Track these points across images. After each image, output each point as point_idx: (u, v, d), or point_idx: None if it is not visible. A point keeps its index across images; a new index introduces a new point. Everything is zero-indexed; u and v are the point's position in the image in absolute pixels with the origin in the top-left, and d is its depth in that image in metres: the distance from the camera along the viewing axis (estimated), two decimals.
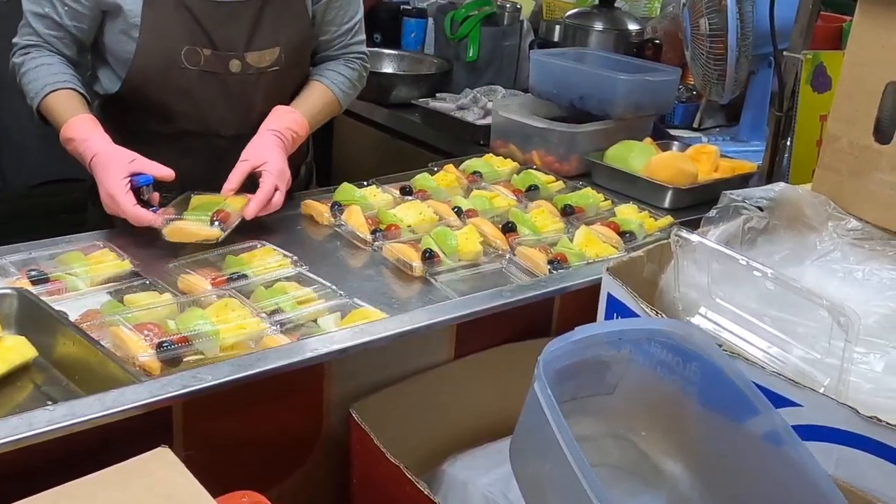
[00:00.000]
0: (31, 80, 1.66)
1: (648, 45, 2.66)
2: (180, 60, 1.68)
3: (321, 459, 1.27)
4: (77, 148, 1.59)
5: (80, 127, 1.60)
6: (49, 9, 1.67)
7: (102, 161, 1.55)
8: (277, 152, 1.68)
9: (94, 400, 1.03)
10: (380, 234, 1.66)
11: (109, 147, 1.58)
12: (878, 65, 1.24)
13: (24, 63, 1.68)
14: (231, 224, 1.56)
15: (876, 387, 0.99)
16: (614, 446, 1.07)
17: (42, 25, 1.68)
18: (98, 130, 1.60)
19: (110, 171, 1.53)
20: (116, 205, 1.52)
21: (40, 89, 1.64)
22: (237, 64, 1.73)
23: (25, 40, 1.70)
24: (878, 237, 1.26)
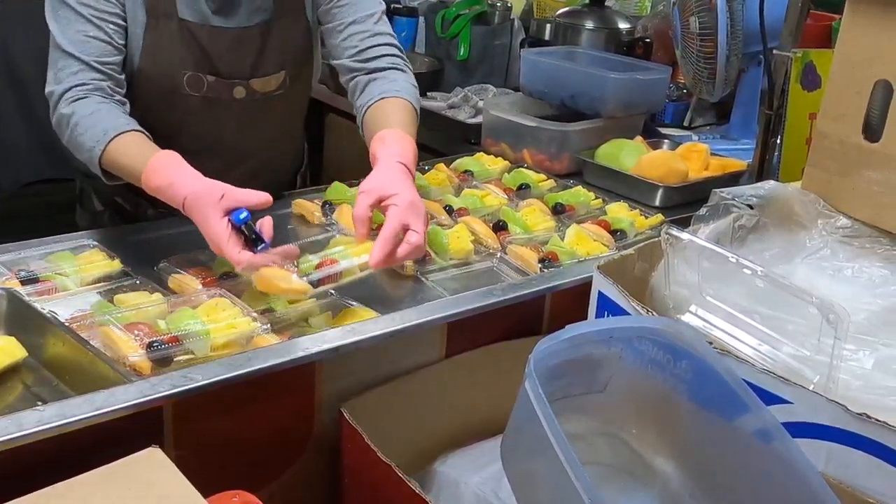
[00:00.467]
0: (88, 127, 1.47)
1: (639, 44, 2.66)
2: (182, 87, 1.62)
3: (312, 459, 1.26)
4: (165, 195, 1.40)
5: (162, 171, 1.40)
6: (95, 31, 1.52)
7: (193, 205, 1.36)
8: (407, 184, 1.46)
9: (84, 400, 1.03)
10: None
11: (196, 186, 1.37)
12: (867, 63, 1.25)
13: (76, 112, 1.48)
14: (331, 275, 1.36)
15: (865, 384, 1.00)
16: (605, 444, 1.07)
17: (90, 53, 1.51)
18: (179, 168, 1.41)
19: (206, 216, 1.34)
20: (223, 254, 1.35)
21: (101, 136, 1.46)
22: (241, 91, 1.67)
23: (73, 80, 1.50)
24: (868, 235, 1.26)
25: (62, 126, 1.52)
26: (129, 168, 1.46)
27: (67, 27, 1.52)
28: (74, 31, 1.52)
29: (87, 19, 1.53)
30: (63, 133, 1.52)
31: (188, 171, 1.41)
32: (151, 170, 1.42)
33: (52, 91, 1.53)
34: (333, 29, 1.75)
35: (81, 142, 1.49)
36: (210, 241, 1.36)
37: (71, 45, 1.52)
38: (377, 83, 1.71)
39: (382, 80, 1.71)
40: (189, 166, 1.42)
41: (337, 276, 1.36)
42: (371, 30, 1.74)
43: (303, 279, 1.32)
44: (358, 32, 1.73)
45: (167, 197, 1.41)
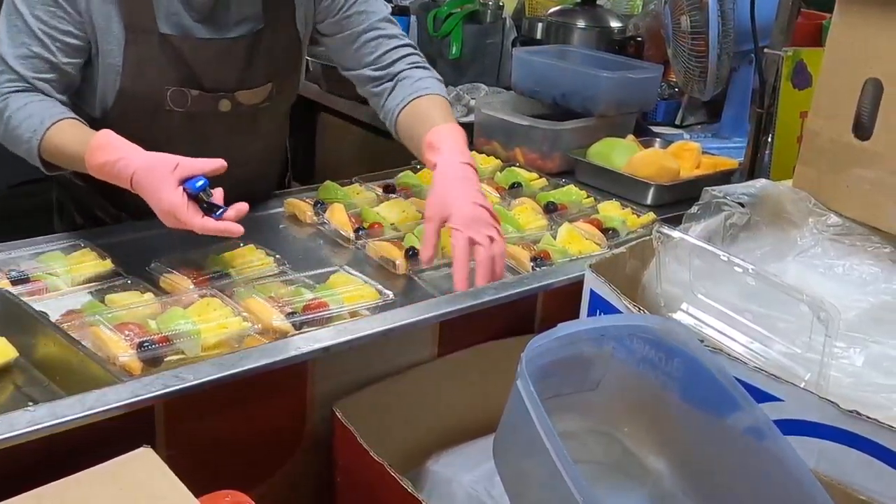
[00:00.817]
0: (24, 118, 1.47)
1: (630, 43, 2.67)
2: (165, 102, 1.57)
3: (305, 458, 1.26)
4: (112, 171, 1.39)
5: (109, 147, 1.40)
6: (39, 48, 1.49)
7: (145, 177, 1.36)
8: (465, 193, 1.46)
9: (75, 401, 1.02)
10: (363, 232, 1.66)
11: (148, 157, 1.38)
12: (857, 61, 1.25)
13: (9, 105, 1.48)
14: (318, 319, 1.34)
15: (856, 381, 1.00)
16: (597, 443, 1.07)
17: (29, 69, 1.50)
18: (124, 143, 1.41)
19: (159, 186, 1.34)
20: (180, 222, 1.35)
21: (38, 125, 1.46)
22: (227, 104, 1.62)
23: (7, 87, 1.49)
24: (859, 233, 1.27)
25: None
26: (70, 152, 1.44)
27: (15, 37, 1.50)
28: (20, 42, 1.50)
29: (34, 34, 1.49)
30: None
31: (133, 146, 1.40)
32: (95, 146, 1.40)
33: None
34: (345, 40, 1.73)
35: (18, 134, 1.48)
36: (163, 211, 1.35)
37: (13, 57, 1.50)
38: (403, 85, 1.70)
39: (408, 80, 1.71)
40: (132, 143, 1.41)
41: (324, 321, 1.33)
42: (384, 34, 1.73)
43: (288, 319, 1.31)
44: (372, 40, 1.72)
45: (114, 173, 1.39)
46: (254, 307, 1.32)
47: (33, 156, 1.48)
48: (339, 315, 1.34)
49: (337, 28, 1.72)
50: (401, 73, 1.73)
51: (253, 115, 1.68)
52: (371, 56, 1.73)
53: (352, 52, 1.74)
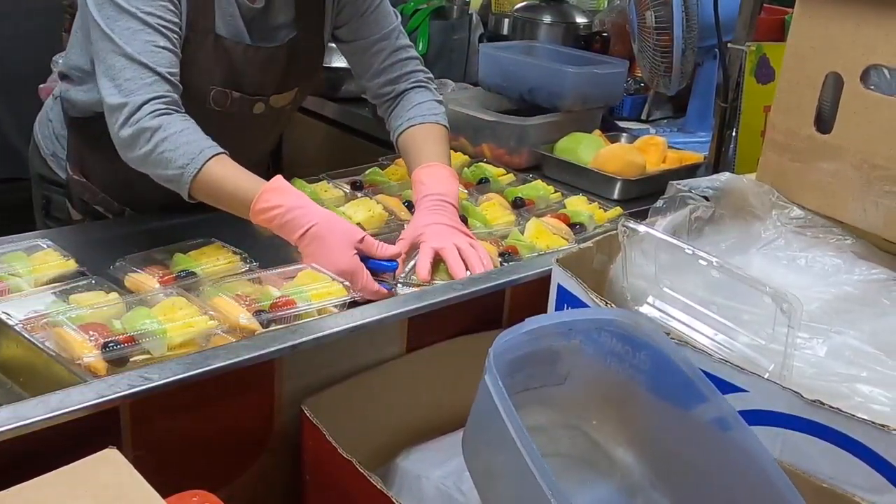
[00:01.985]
0: (181, 143, 1.45)
1: (596, 38, 2.69)
2: (208, 101, 1.62)
3: (273, 457, 1.26)
4: (283, 216, 1.43)
5: (287, 193, 1.45)
6: (164, 41, 1.49)
7: (325, 233, 1.42)
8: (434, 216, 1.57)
9: (39, 402, 1.01)
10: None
11: (329, 215, 1.45)
12: (819, 56, 1.27)
13: (164, 127, 1.45)
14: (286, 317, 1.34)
15: (819, 371, 1.01)
16: (566, 436, 1.08)
17: (163, 65, 1.48)
18: (303, 196, 1.47)
19: (341, 248, 1.41)
20: (355, 283, 1.41)
21: (197, 154, 1.45)
22: (261, 106, 1.69)
23: (148, 93, 1.46)
24: (821, 225, 1.28)
25: (140, 140, 1.46)
26: (236, 188, 1.46)
27: (133, 37, 1.48)
28: (142, 41, 1.48)
29: (154, 29, 1.49)
30: (138, 147, 1.47)
31: (309, 199, 1.47)
32: (271, 188, 1.45)
33: (121, 103, 1.47)
34: (359, 46, 1.80)
35: (170, 157, 1.45)
36: (337, 269, 1.40)
37: (141, 55, 1.48)
38: (404, 107, 1.80)
39: (407, 101, 1.80)
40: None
41: (291, 319, 1.32)
42: (395, 45, 1.81)
43: (255, 318, 1.30)
44: (383, 50, 1.80)
45: (286, 219, 1.43)
46: (220, 306, 1.31)
47: (183, 183, 1.46)
48: (307, 313, 1.34)
49: (353, 34, 1.79)
50: (404, 93, 1.81)
51: (277, 117, 1.76)
52: (380, 67, 1.80)
53: (364, 60, 1.81)
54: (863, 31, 1.20)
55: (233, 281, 1.41)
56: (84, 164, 1.75)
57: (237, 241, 1.56)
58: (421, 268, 1.50)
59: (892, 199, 1.19)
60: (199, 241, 1.53)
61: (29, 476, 0.84)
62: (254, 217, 1.46)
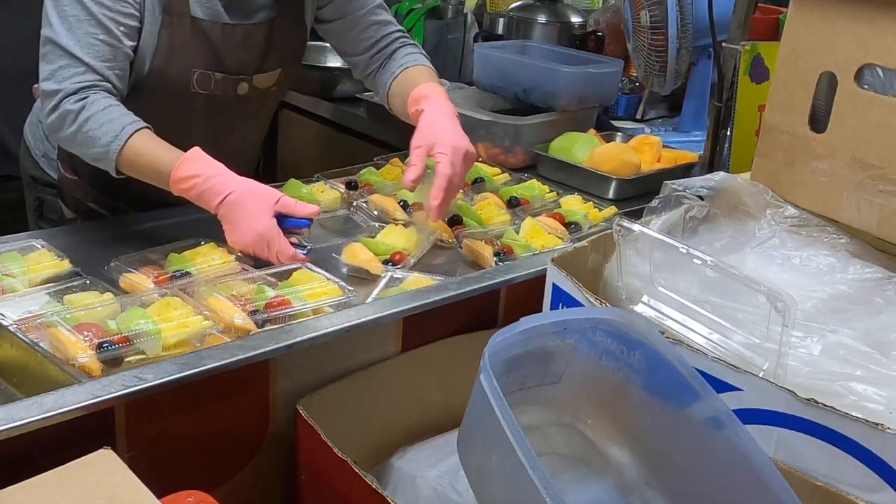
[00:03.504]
0: (103, 122, 1.47)
1: (591, 38, 2.68)
2: (191, 84, 1.62)
3: (268, 457, 1.26)
4: (202, 185, 1.44)
5: (204, 162, 1.46)
6: (104, 35, 1.49)
7: (242, 198, 1.43)
8: (450, 128, 1.63)
9: (33, 403, 1.01)
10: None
11: (246, 182, 1.46)
12: (813, 55, 1.27)
13: (87, 107, 1.47)
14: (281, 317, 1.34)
15: (813, 370, 1.02)
16: (561, 435, 1.08)
17: (97, 58, 1.49)
18: (222, 165, 1.47)
19: (257, 212, 1.43)
20: (269, 248, 1.43)
21: (120, 130, 1.46)
22: (245, 87, 1.69)
23: (77, 82, 1.48)
24: (815, 224, 1.28)
25: (66, 122, 1.49)
26: (151, 160, 1.47)
27: (76, 26, 1.49)
28: (83, 31, 1.49)
29: (98, 21, 1.49)
30: (64, 128, 1.50)
31: (227, 169, 1.47)
32: (188, 158, 1.45)
33: (53, 90, 1.49)
34: (344, 25, 1.82)
35: (94, 136, 1.47)
36: (256, 233, 1.43)
37: (78, 47, 1.49)
38: (394, 58, 1.83)
39: (397, 54, 1.83)
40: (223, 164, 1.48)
41: (286, 319, 1.32)
42: (380, 20, 1.84)
43: (250, 318, 1.30)
44: (371, 25, 1.83)
45: (205, 188, 1.44)
46: (215, 306, 1.31)
47: (108, 160, 1.49)
48: (302, 312, 1.34)
49: (338, 13, 1.81)
50: (392, 54, 1.85)
51: (262, 99, 1.76)
52: (369, 41, 1.83)
53: (351, 37, 1.84)
54: (857, 30, 1.21)
55: (228, 281, 1.41)
56: (75, 163, 1.75)
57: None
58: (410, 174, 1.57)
59: (886, 197, 1.19)
60: (193, 240, 1.53)
61: (23, 477, 0.84)
62: (173, 187, 1.47)
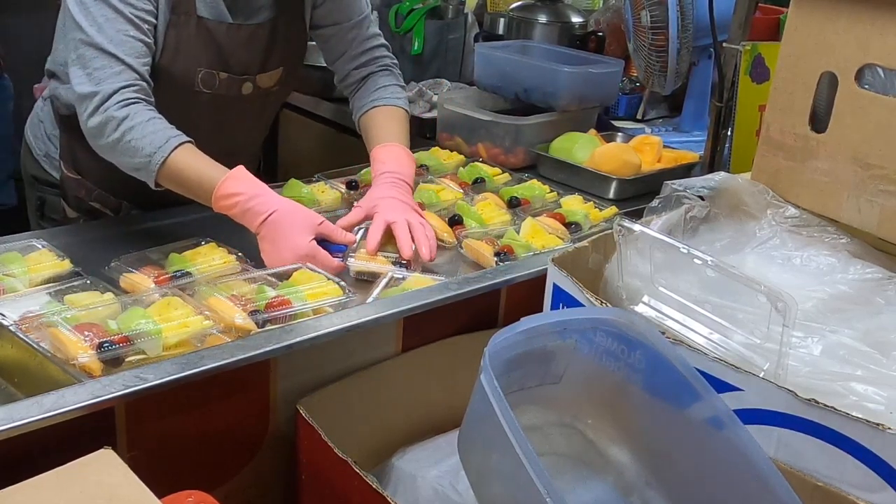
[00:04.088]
0: (147, 133, 1.48)
1: (592, 38, 2.68)
2: (196, 83, 1.64)
3: (269, 457, 1.26)
4: (245, 203, 1.47)
5: (248, 181, 1.50)
6: (135, 31, 1.51)
7: (285, 219, 1.47)
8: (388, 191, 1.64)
9: (33, 403, 1.01)
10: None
11: (289, 203, 1.51)
12: (813, 55, 1.27)
13: (131, 116, 1.48)
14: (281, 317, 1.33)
15: (814, 370, 1.02)
16: (561, 435, 1.08)
17: (133, 55, 1.50)
18: (264, 185, 1.51)
19: (299, 232, 1.46)
20: (317, 264, 1.45)
21: (164, 143, 1.48)
22: (249, 86, 1.71)
23: (117, 82, 1.49)
24: (816, 224, 1.28)
25: (107, 128, 1.49)
26: (200, 175, 1.50)
27: (106, 25, 1.51)
28: (115, 29, 1.51)
29: (127, 18, 1.52)
30: (105, 135, 1.50)
31: (268, 188, 1.52)
32: (232, 177, 1.49)
33: (92, 92, 1.50)
34: (332, 31, 1.85)
35: (138, 146, 1.49)
36: (295, 255, 1.45)
37: (112, 45, 1.50)
38: (367, 88, 1.86)
39: (371, 84, 1.86)
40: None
41: (286, 318, 1.32)
42: (368, 34, 1.88)
43: (250, 318, 1.30)
44: (357, 37, 1.86)
45: (247, 206, 1.47)
46: (215, 306, 1.31)
47: (149, 171, 1.50)
48: (303, 312, 1.34)
49: (328, 18, 1.84)
50: (369, 76, 1.88)
51: (266, 98, 1.77)
52: (352, 52, 1.87)
53: (338, 46, 1.87)
54: (857, 30, 1.21)
55: (228, 281, 1.41)
56: (78, 162, 1.75)
57: (232, 240, 1.56)
58: (371, 239, 1.54)
59: (887, 197, 1.19)
60: (194, 240, 1.53)
61: (24, 477, 0.84)
62: (215, 204, 1.50)
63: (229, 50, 1.66)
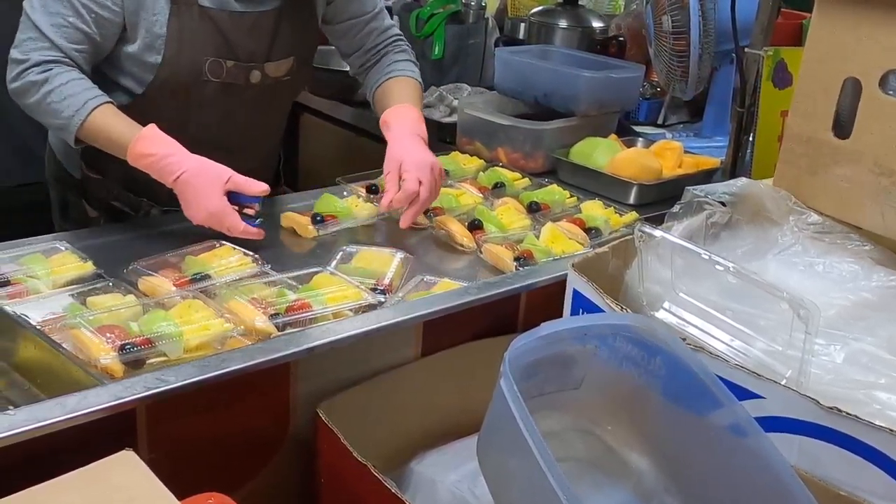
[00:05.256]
0: (66, 95, 1.54)
1: (612, 43, 2.68)
2: (204, 72, 1.66)
3: (288, 460, 1.26)
4: (157, 163, 1.52)
5: (158, 141, 1.54)
6: (74, 18, 1.56)
7: (194, 178, 1.52)
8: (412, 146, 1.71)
9: (56, 403, 1.02)
10: None
11: (198, 162, 1.54)
12: (836, 60, 1.26)
13: (50, 80, 1.54)
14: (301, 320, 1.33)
15: (836, 378, 1.01)
16: (580, 440, 1.07)
17: (64, 38, 1.56)
18: (177, 144, 1.54)
19: (209, 191, 1.52)
20: (222, 224, 1.52)
21: (81, 105, 1.53)
22: (257, 75, 1.72)
23: (42, 55, 1.55)
24: (838, 231, 1.28)
25: (30, 92, 1.56)
26: (112, 136, 1.55)
27: (50, 5, 1.55)
28: (55, 11, 1.56)
29: (70, 4, 1.55)
30: (28, 97, 1.57)
31: (180, 146, 1.54)
32: (143, 136, 1.53)
33: (19, 59, 1.56)
34: (348, 26, 1.89)
35: (56, 109, 1.55)
36: (208, 213, 1.52)
37: (47, 25, 1.55)
38: (382, 63, 1.92)
39: (385, 59, 1.92)
40: (177, 142, 1.55)
41: (306, 322, 1.33)
42: (384, 26, 1.93)
43: (271, 321, 1.30)
44: (372, 31, 1.91)
45: (158, 166, 1.52)
46: (236, 308, 1.32)
47: (69, 132, 1.56)
48: (323, 316, 1.34)
49: (343, 14, 1.87)
50: (384, 55, 1.93)
51: (274, 88, 1.78)
52: (368, 44, 1.92)
53: (351, 38, 1.91)
54: (881, 36, 1.20)
55: (249, 284, 1.41)
56: (98, 161, 1.77)
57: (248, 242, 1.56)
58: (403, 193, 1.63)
59: None
60: (209, 243, 1.53)
61: (46, 477, 0.85)
62: (133, 162, 1.55)
63: (234, 38, 1.67)
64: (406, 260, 1.55)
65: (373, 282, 1.46)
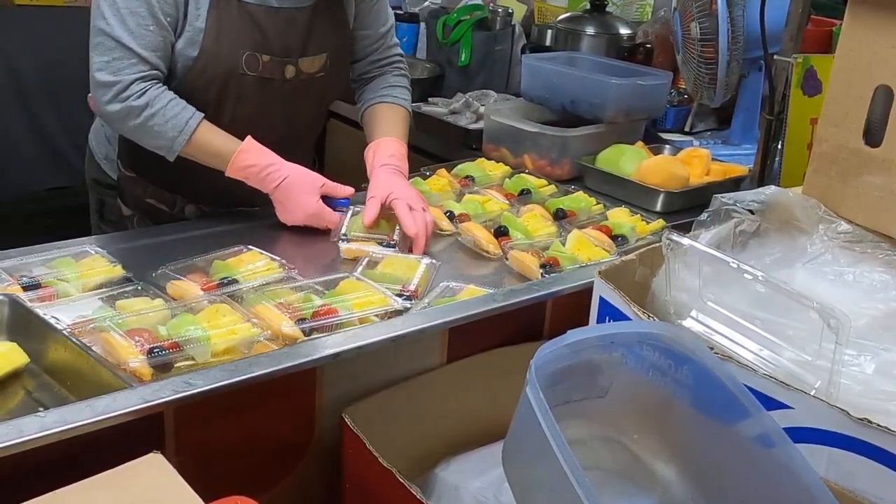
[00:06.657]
0: (168, 118, 1.62)
1: (640, 49, 2.67)
2: (240, 66, 1.70)
3: (313, 464, 1.26)
4: (258, 173, 1.66)
5: (258, 153, 1.67)
6: (154, 26, 1.61)
7: (295, 183, 1.68)
8: (399, 180, 1.77)
9: (85, 406, 1.03)
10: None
11: (297, 168, 1.69)
12: (868, 68, 1.25)
13: (151, 104, 1.61)
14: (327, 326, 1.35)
15: (866, 388, 1.00)
16: (606, 449, 1.07)
17: (150, 49, 1.61)
18: (274, 154, 1.69)
19: (308, 194, 1.69)
20: (320, 222, 1.70)
21: (184, 125, 1.63)
22: (292, 70, 1.76)
23: (133, 74, 1.61)
24: (869, 240, 1.26)
25: (131, 116, 1.63)
26: (213, 151, 1.67)
27: (128, 17, 1.59)
28: (135, 23, 1.59)
29: (151, 13, 1.60)
30: (129, 121, 1.63)
31: (278, 156, 1.69)
32: (245, 150, 1.67)
33: (110, 81, 1.61)
34: (363, 35, 1.94)
35: (160, 131, 1.64)
36: (305, 213, 1.69)
37: (130, 37, 1.60)
38: (380, 82, 1.98)
39: (384, 80, 1.98)
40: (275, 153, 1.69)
41: (332, 327, 1.33)
42: (391, 42, 2.00)
43: (297, 326, 1.31)
44: (383, 45, 1.98)
45: (260, 176, 1.67)
46: (263, 313, 1.33)
47: (172, 151, 1.65)
48: (349, 321, 1.34)
49: (363, 22, 1.92)
50: (382, 75, 1.99)
51: (310, 84, 1.82)
52: (374, 56, 1.98)
53: (362, 47, 1.96)
54: None
55: (275, 289, 1.42)
56: (134, 160, 1.82)
57: (274, 247, 1.58)
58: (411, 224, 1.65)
59: None
60: (236, 248, 1.55)
61: (74, 479, 0.86)
62: (231, 174, 1.67)
63: (270, 32, 1.71)
64: (432, 266, 1.55)
65: (399, 288, 1.46)
